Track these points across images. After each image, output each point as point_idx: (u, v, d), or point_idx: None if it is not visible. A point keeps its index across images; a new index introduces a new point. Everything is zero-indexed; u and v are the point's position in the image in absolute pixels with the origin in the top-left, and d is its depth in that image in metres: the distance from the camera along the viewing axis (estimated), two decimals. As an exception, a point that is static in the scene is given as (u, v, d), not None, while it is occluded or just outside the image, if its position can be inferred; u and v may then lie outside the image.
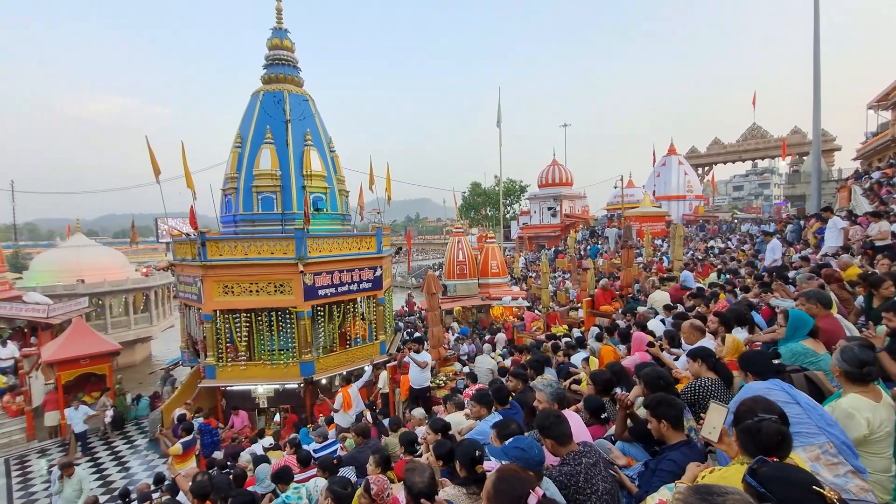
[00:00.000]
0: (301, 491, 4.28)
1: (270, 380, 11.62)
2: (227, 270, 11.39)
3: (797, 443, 1.94)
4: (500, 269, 20.66)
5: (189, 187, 11.87)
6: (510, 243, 44.70)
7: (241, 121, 13.29)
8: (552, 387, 3.77)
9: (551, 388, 3.71)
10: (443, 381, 9.40)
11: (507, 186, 50.97)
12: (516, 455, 2.30)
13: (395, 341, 14.86)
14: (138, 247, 51.81)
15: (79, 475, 8.13)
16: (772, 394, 2.15)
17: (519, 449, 2.35)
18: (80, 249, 24.45)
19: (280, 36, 13.50)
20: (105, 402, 13.25)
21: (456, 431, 4.44)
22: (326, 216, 13.41)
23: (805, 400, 2.17)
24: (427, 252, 79.91)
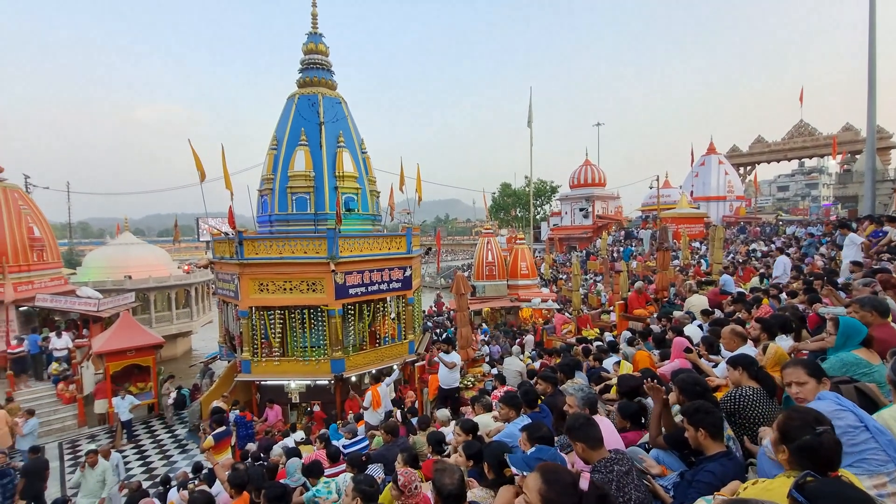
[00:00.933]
0: (331, 485, 4.37)
1: (302, 376, 11.90)
2: (262, 269, 11.76)
3: (861, 469, 1.83)
4: (530, 271, 20.43)
5: (227, 188, 12.29)
6: (540, 245, 44.16)
7: (277, 124, 13.69)
8: (583, 391, 3.69)
9: (583, 393, 3.64)
10: (471, 382, 9.38)
11: (538, 187, 50.42)
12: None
13: (424, 341, 14.94)
14: (180, 245, 54.18)
15: (102, 465, 7.93)
16: (839, 416, 1.99)
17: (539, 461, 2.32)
18: (127, 247, 25.81)
19: (315, 40, 13.83)
20: (169, 386, 13.96)
21: (484, 433, 4.41)
22: (358, 216, 13.63)
23: (874, 424, 2.02)
24: (456, 253, 79.98)
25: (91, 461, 7.79)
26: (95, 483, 7.68)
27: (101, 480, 7.71)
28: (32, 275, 17.29)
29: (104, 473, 7.83)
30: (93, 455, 7.88)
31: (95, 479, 7.67)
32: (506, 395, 4.55)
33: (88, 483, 7.64)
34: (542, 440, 2.83)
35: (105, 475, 7.83)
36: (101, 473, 7.75)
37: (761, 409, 2.90)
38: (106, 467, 7.97)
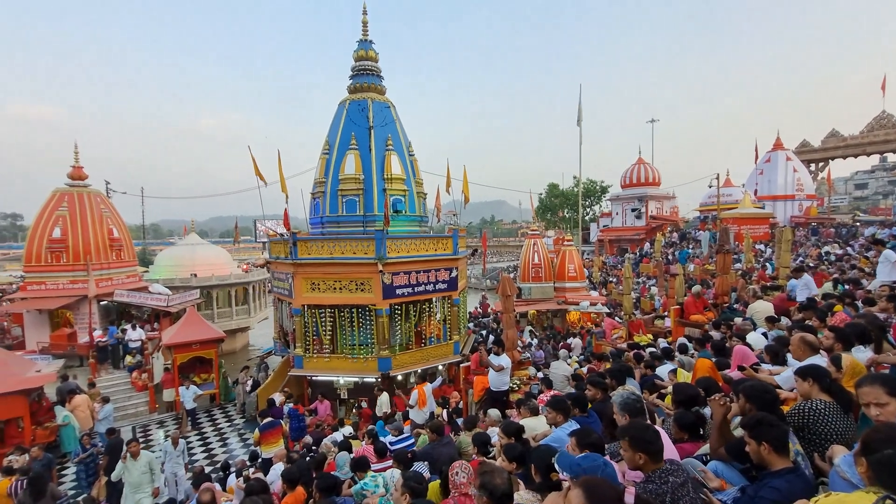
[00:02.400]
0: (378, 479, 4.48)
1: (351, 372, 12.26)
2: (314, 268, 12.24)
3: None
4: (578, 273, 19.93)
5: (283, 192, 12.90)
6: (589, 246, 42.96)
7: (329, 129, 14.21)
8: (622, 396, 3.54)
9: (621, 398, 3.49)
10: (516, 384, 9.28)
11: (587, 187, 49.03)
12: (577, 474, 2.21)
13: (469, 342, 14.95)
14: (240, 245, 57.42)
15: (146, 456, 7.64)
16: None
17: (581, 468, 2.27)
18: (193, 247, 27.70)
19: (365, 47, 14.24)
20: (245, 376, 14.75)
21: (530, 437, 4.36)
22: (405, 218, 13.88)
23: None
24: (502, 254, 79.37)
25: (133, 451, 7.53)
26: (140, 475, 7.44)
27: (147, 472, 7.50)
28: (112, 272, 18.94)
29: (149, 464, 7.60)
30: (135, 445, 7.65)
31: (140, 470, 7.44)
32: (553, 399, 4.47)
33: (132, 475, 7.42)
34: (592, 447, 2.76)
35: (151, 465, 7.62)
36: (146, 464, 7.53)
37: (834, 425, 2.68)
38: (150, 458, 7.71)
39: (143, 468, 7.44)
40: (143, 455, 7.58)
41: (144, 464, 7.49)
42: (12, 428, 10.49)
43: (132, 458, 7.48)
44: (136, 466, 7.44)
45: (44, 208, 18.08)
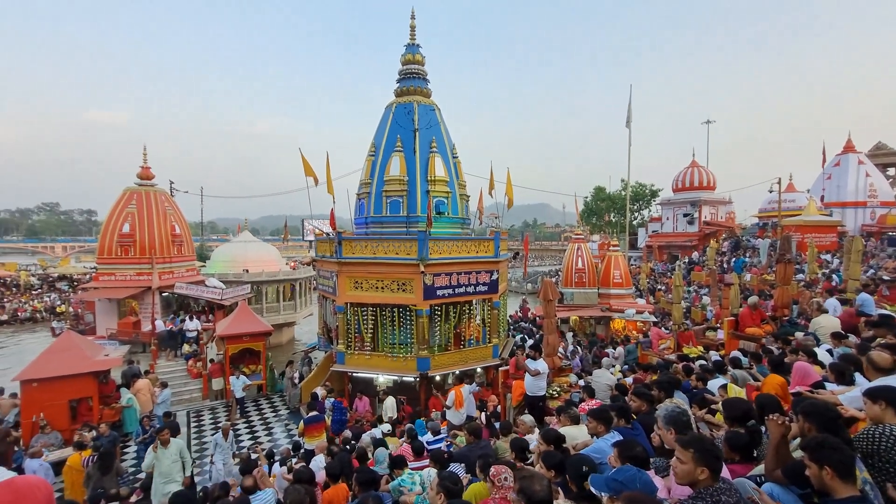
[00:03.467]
0: (415, 478, 4.53)
1: (390, 371, 12.46)
2: (357, 267, 12.55)
3: None
4: (624, 280, 19.27)
5: (329, 192, 13.32)
6: (636, 252, 41.44)
7: (376, 131, 14.54)
8: (668, 409, 3.39)
9: (665, 411, 3.34)
10: (556, 391, 9.09)
11: (636, 191, 47.36)
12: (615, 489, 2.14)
13: (509, 346, 14.81)
14: (288, 244, 59.80)
15: (176, 445, 7.38)
16: None
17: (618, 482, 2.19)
18: (246, 244, 29.14)
19: (412, 51, 14.47)
20: (291, 370, 15.30)
21: (570, 445, 4.27)
22: (447, 219, 13.96)
23: None
24: (544, 258, 78.06)
25: (163, 439, 7.27)
26: (171, 464, 7.15)
27: (178, 460, 7.23)
28: (173, 266, 20.25)
29: (179, 453, 7.33)
30: (165, 433, 7.38)
31: (170, 459, 7.15)
32: (596, 409, 4.35)
33: (163, 464, 7.10)
34: (635, 460, 2.67)
35: (181, 454, 7.35)
36: (177, 453, 7.26)
37: (910, 452, 2.44)
38: (180, 446, 7.44)
39: (173, 456, 7.17)
40: (174, 443, 7.32)
41: (175, 452, 7.23)
42: (83, 406, 11.44)
43: (162, 447, 7.20)
44: (167, 455, 7.15)
45: (115, 205, 19.61)
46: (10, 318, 32.13)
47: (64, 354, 11.41)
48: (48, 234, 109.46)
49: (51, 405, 10.60)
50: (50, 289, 39.91)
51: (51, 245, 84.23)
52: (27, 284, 40.09)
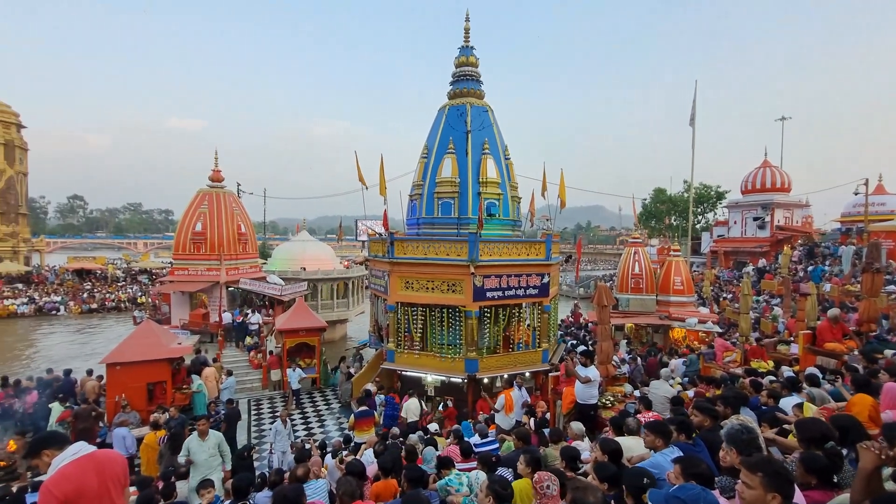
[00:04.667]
0: (462, 479, 4.52)
1: (438, 371, 12.53)
2: (409, 267, 12.74)
3: None
4: (686, 287, 18.22)
5: (382, 194, 13.62)
6: (699, 258, 39.11)
7: (429, 133, 14.71)
8: (732, 427, 3.12)
9: (731, 429, 3.07)
10: (609, 401, 8.74)
11: (700, 192, 44.63)
12: None
13: (559, 351, 14.45)
14: (342, 243, 61.90)
15: (215, 437, 6.95)
16: None
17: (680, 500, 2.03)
18: (304, 244, 30.54)
19: (466, 53, 14.50)
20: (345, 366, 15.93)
21: (626, 458, 4.08)
22: (498, 221, 13.85)
23: None
24: (597, 262, 75.68)
25: (202, 430, 6.84)
26: (208, 458, 6.69)
27: (216, 454, 6.80)
28: (238, 262, 21.59)
29: (218, 446, 6.90)
30: (203, 423, 6.96)
31: (207, 452, 6.70)
32: (654, 422, 4.13)
33: (200, 456, 6.62)
34: (700, 478, 2.49)
35: (220, 447, 6.92)
36: (215, 446, 6.81)
37: None
38: (219, 439, 7.00)
39: (211, 450, 6.73)
40: (212, 435, 6.91)
41: (213, 445, 6.79)
42: (158, 389, 12.42)
43: (199, 438, 6.76)
44: (204, 447, 6.70)
45: (189, 205, 21.21)
46: (99, 306, 35.67)
47: (143, 341, 12.46)
48: (132, 232, 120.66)
49: (131, 387, 11.62)
50: (132, 281, 43.88)
51: (134, 241, 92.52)
52: (113, 277, 44.31)
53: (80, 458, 2.76)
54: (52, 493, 2.55)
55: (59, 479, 2.62)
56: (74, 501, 2.61)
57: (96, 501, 2.72)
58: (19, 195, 45.04)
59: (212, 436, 6.90)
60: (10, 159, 43.20)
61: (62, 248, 78.59)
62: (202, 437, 6.78)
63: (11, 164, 43.28)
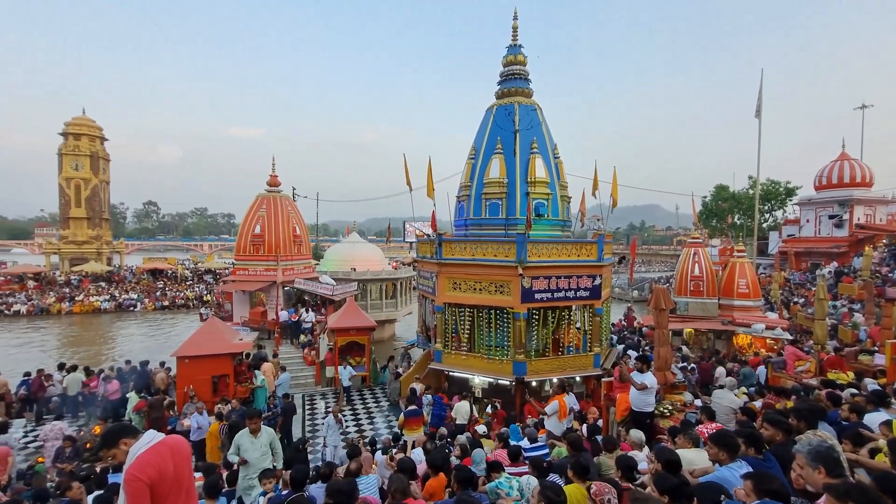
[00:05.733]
0: (513, 482, 4.45)
1: (486, 372, 12.45)
2: (456, 268, 12.76)
3: None
4: (751, 290, 17.03)
5: (430, 196, 13.74)
6: (766, 259, 36.48)
7: (476, 134, 14.68)
8: (815, 444, 2.84)
9: (810, 446, 2.79)
10: (668, 409, 8.32)
11: (767, 189, 41.58)
12: None
13: (611, 356, 13.94)
14: (391, 245, 63.14)
15: (268, 434, 6.37)
16: None
17: None
18: (353, 245, 31.43)
19: (514, 52, 14.35)
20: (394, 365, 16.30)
21: (687, 471, 3.86)
22: (547, 222, 13.58)
23: None
24: (652, 264, 72.53)
25: (254, 427, 6.24)
26: (260, 456, 6.09)
27: (268, 452, 6.22)
28: (293, 263, 22.56)
29: (270, 444, 6.31)
30: (255, 420, 6.35)
31: (259, 451, 6.11)
32: (718, 434, 3.87)
33: (251, 455, 6.03)
34: (775, 496, 2.30)
35: (272, 445, 6.34)
36: (266, 444, 6.23)
37: None
38: (271, 437, 6.40)
39: (262, 448, 6.15)
40: (265, 432, 6.33)
41: (265, 443, 6.22)
42: (222, 382, 13.21)
43: (251, 436, 6.18)
44: (256, 445, 6.11)
45: (250, 209, 22.43)
46: (170, 303, 38.52)
47: (209, 337, 13.31)
48: (198, 234, 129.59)
49: (198, 379, 12.44)
50: (199, 280, 47.00)
51: (200, 243, 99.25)
52: (183, 276, 47.70)
53: (156, 445, 2.99)
54: (139, 479, 2.78)
55: (143, 465, 2.84)
56: (158, 485, 2.84)
57: (175, 484, 2.95)
58: (103, 202, 49.68)
59: (264, 433, 6.33)
60: (95, 169, 47.72)
61: (138, 249, 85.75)
62: (254, 434, 6.21)
63: (96, 174, 47.80)
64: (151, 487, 2.82)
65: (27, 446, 11.40)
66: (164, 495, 2.90)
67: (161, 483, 2.88)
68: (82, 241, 47.38)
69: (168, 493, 2.92)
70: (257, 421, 6.35)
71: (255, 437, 6.18)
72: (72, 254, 46.82)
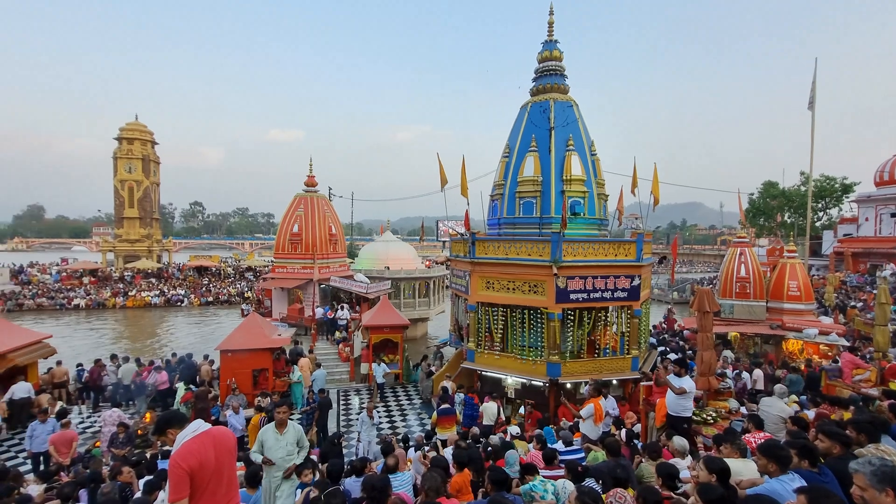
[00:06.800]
0: (548, 486, 4.37)
1: (519, 373, 12.31)
2: (490, 268, 12.68)
3: None
4: (803, 293, 16.07)
5: (464, 195, 13.71)
6: (820, 260, 34.37)
7: (510, 132, 14.52)
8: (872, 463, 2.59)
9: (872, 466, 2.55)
10: (711, 416, 7.97)
11: (821, 185, 39.11)
12: None
13: (651, 359, 13.48)
14: (424, 244, 63.60)
15: (295, 430, 5.56)
16: None
17: None
18: (387, 244, 31.84)
19: (550, 48, 14.09)
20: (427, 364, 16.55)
21: (733, 481, 3.67)
22: (583, 220, 13.28)
23: None
24: (694, 264, 69.81)
25: (280, 418, 5.47)
26: (286, 455, 5.34)
27: (294, 451, 5.45)
28: (329, 261, 23.09)
29: (297, 441, 5.53)
30: (283, 409, 5.56)
31: (284, 450, 5.35)
32: (767, 444, 3.66)
33: (275, 453, 5.29)
34: (834, 513, 2.14)
35: (300, 442, 5.56)
36: (293, 442, 5.45)
37: None
38: (299, 433, 5.60)
39: (289, 447, 5.39)
40: (292, 428, 5.54)
41: (291, 441, 5.44)
42: (262, 376, 13.68)
43: (276, 431, 5.41)
44: (282, 443, 5.37)
45: (288, 209, 23.13)
46: (214, 299, 40.26)
47: (249, 332, 13.82)
48: (240, 233, 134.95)
49: (239, 372, 12.94)
50: (240, 278, 48.88)
51: (241, 242, 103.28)
52: (225, 273, 49.76)
53: (200, 435, 3.12)
54: (180, 466, 2.92)
55: (185, 453, 2.98)
56: (198, 472, 2.97)
57: (216, 473, 3.07)
58: (153, 202, 52.54)
59: (291, 429, 5.51)
60: (147, 172, 50.49)
61: (185, 247, 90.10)
62: (279, 430, 5.41)
63: (148, 176, 50.57)
64: (191, 475, 2.95)
65: (84, 431, 12.18)
66: (204, 484, 3.02)
67: (201, 472, 3.00)
68: (135, 240, 50.28)
69: (208, 482, 3.04)
70: (286, 412, 5.57)
71: (280, 432, 5.41)
72: (125, 251, 49.78)
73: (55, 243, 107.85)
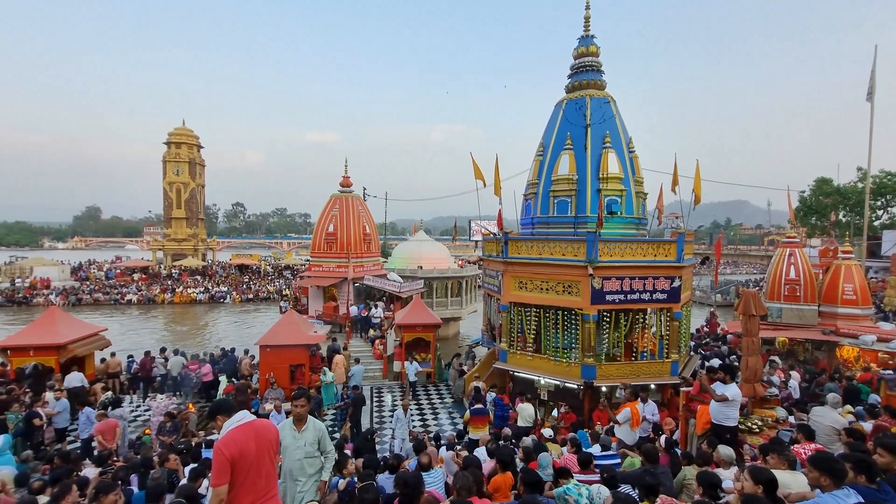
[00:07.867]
0: (582, 489, 4.29)
1: (552, 374, 12.12)
2: (523, 267, 12.55)
3: None
4: (860, 297, 15.04)
5: (496, 194, 13.62)
6: (879, 262, 32.07)
7: (545, 130, 14.32)
8: None
9: None
10: (757, 425, 7.59)
11: (880, 182, 36.46)
12: None
13: (691, 364, 12.98)
14: (456, 243, 63.66)
15: (315, 429, 4.58)
16: None
17: None
18: (420, 243, 32.06)
19: (586, 43, 13.79)
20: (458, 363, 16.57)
21: (782, 494, 3.48)
22: (620, 220, 12.94)
23: None
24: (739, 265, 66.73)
25: (298, 413, 4.57)
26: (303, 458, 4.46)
27: (315, 453, 4.53)
28: (363, 260, 23.51)
29: (319, 441, 4.57)
30: (301, 402, 4.59)
31: (302, 451, 4.46)
32: (819, 456, 3.45)
33: (292, 455, 4.44)
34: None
35: (321, 442, 4.58)
36: (313, 442, 4.52)
37: None
38: (320, 432, 4.61)
39: (307, 448, 4.49)
40: (311, 426, 4.60)
41: (311, 440, 4.53)
42: (298, 371, 14.08)
43: (294, 428, 4.53)
44: (299, 442, 4.49)
45: (324, 209, 23.69)
46: (254, 296, 41.79)
47: (287, 328, 14.25)
48: (279, 233, 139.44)
49: (277, 367, 13.37)
50: (279, 276, 50.50)
51: (280, 241, 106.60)
52: (265, 272, 51.56)
53: (243, 425, 3.26)
54: (223, 453, 3.05)
55: (228, 441, 3.11)
56: (238, 461, 3.09)
57: (255, 464, 3.19)
58: (199, 203, 55.07)
59: (311, 427, 4.57)
60: (193, 174, 52.96)
61: (227, 246, 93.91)
62: (297, 427, 4.53)
63: (194, 178, 53.05)
64: (232, 463, 3.07)
65: (136, 419, 12.91)
66: (244, 473, 3.15)
67: (241, 460, 3.12)
68: (182, 239, 52.88)
69: (247, 471, 3.16)
70: (304, 405, 4.58)
71: (298, 430, 4.51)
72: (173, 250, 52.44)
73: (110, 242, 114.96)
